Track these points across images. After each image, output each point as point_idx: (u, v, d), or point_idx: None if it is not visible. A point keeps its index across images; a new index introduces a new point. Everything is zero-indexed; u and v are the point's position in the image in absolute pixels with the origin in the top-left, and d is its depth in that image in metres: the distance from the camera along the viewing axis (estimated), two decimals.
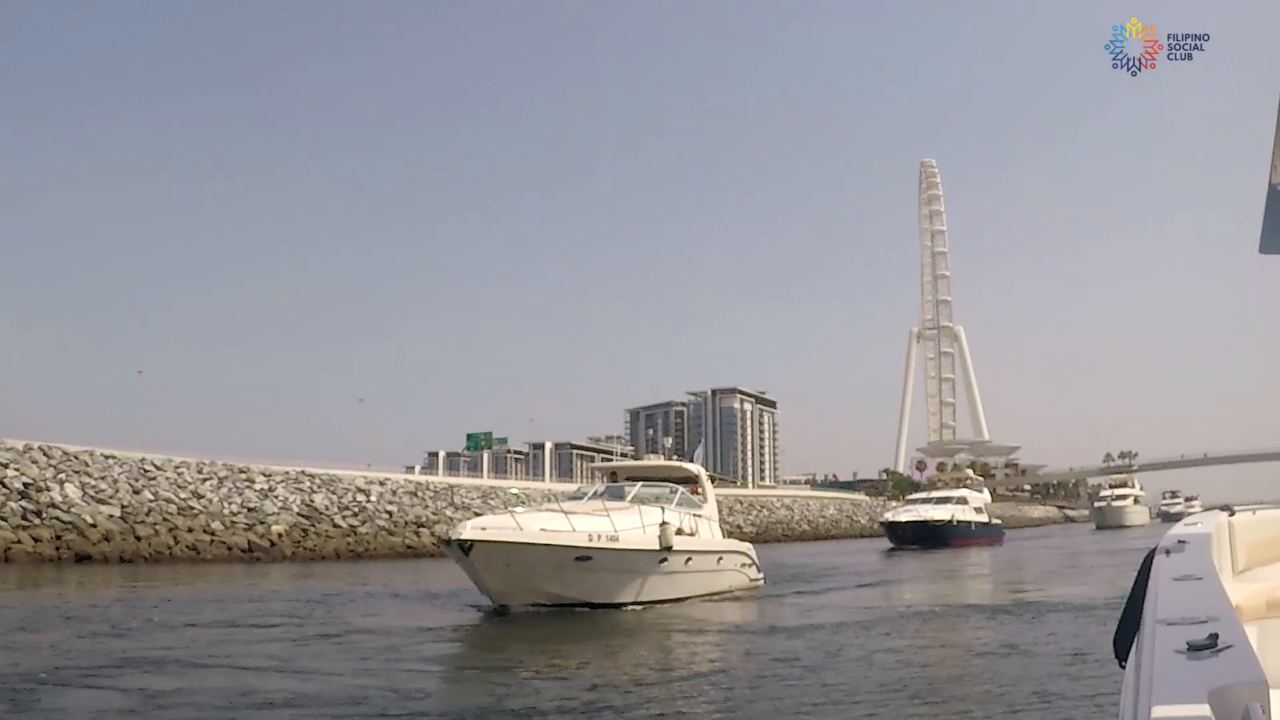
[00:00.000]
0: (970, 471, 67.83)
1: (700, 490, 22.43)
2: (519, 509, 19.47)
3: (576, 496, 19.72)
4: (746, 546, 22.78)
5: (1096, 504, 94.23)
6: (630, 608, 16.68)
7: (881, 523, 55.19)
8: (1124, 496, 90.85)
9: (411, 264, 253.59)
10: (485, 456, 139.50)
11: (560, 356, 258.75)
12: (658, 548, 16.99)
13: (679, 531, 18.11)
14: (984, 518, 57.04)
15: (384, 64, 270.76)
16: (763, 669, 10.60)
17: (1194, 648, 1.61)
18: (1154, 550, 2.94)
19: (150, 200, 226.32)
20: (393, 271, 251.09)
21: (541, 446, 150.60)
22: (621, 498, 18.60)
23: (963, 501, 54.82)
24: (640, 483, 20.39)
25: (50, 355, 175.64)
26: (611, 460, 25.03)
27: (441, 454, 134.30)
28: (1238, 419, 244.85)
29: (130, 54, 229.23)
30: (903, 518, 51.60)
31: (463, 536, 15.05)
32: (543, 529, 15.83)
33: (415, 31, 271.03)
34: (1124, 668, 2.30)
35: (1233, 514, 4.33)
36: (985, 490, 70.86)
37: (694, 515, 19.90)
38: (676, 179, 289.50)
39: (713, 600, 18.89)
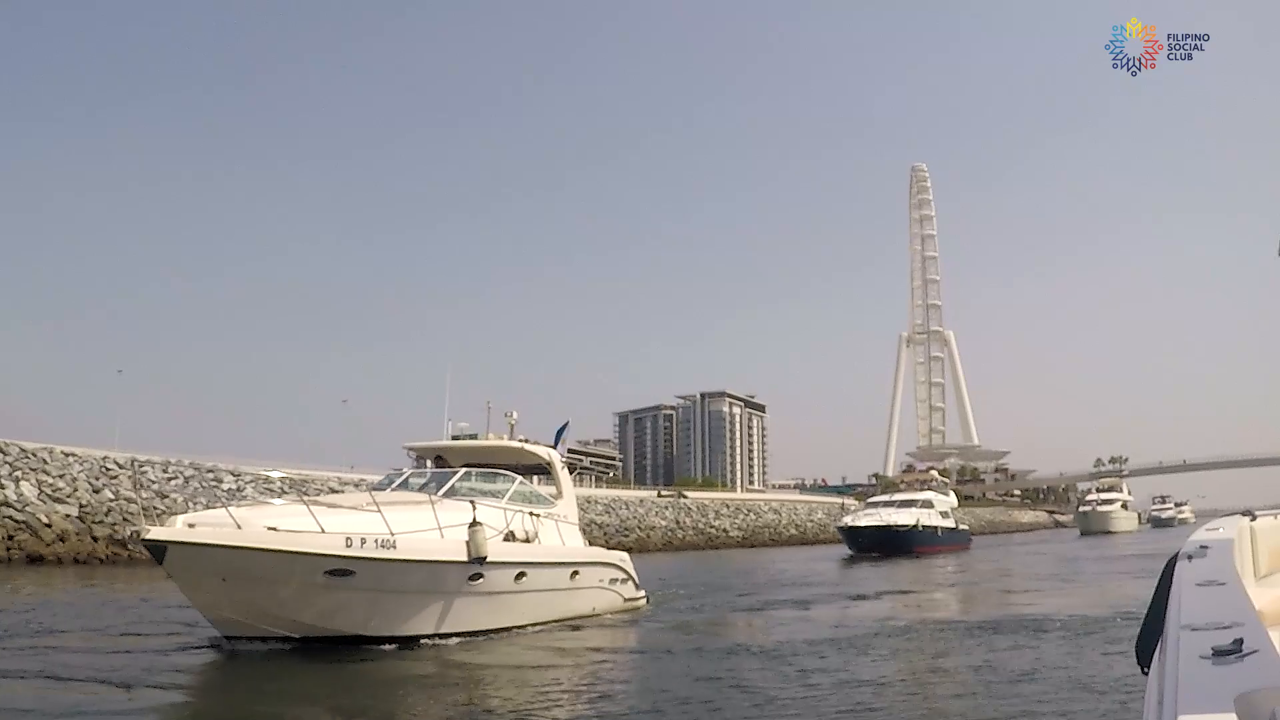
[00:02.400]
0: (936, 473, 62.05)
1: (554, 482, 17.82)
2: (276, 500, 14.96)
3: (381, 486, 15.44)
4: (619, 556, 17.85)
5: (1081, 509, 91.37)
6: (429, 642, 12.48)
7: (839, 527, 49.28)
8: (1110, 501, 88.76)
9: (401, 266, 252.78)
10: None
11: (549, 359, 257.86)
12: (464, 558, 12.62)
13: (510, 536, 14.03)
14: (950, 522, 53.42)
15: (380, 66, 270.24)
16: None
17: (1219, 653, 1.61)
18: (1176, 556, 2.95)
19: (143, 201, 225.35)
20: (382, 273, 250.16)
21: None
22: (455, 489, 14.63)
23: (928, 505, 50.82)
24: (472, 469, 15.80)
25: (35, 354, 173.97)
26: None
27: None
28: (1230, 425, 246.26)
29: (126, 53, 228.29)
30: (863, 522, 46.65)
31: (152, 536, 10.57)
32: (272, 528, 11.31)
33: (411, 31, 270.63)
34: (1147, 675, 2.27)
35: (1254, 519, 4.29)
36: (951, 493, 65.44)
37: (532, 514, 15.17)
38: (666, 183, 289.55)
39: (563, 628, 14.58)
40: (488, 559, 12.89)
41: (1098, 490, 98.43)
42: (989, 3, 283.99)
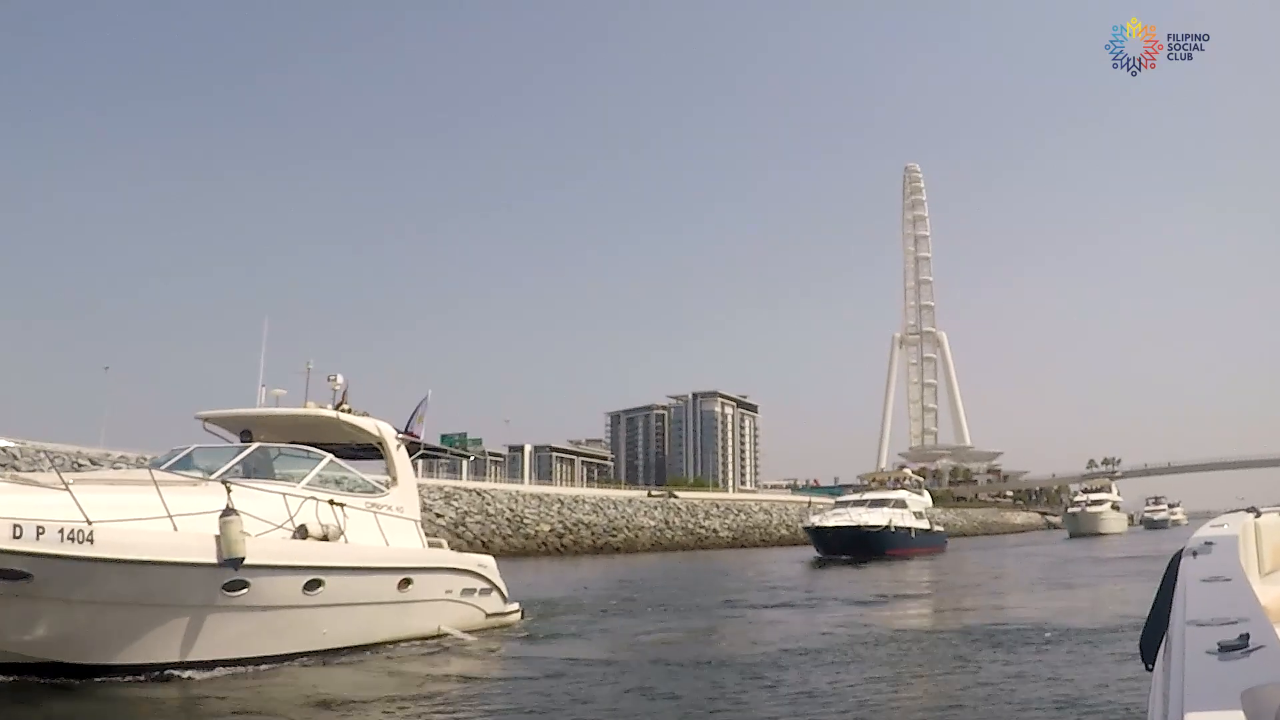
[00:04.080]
0: (909, 471, 58.55)
1: (388, 463, 14.16)
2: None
3: (157, 464, 11.95)
4: (477, 560, 14.35)
5: (1070, 510, 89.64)
6: (177, 673, 9.34)
7: (806, 528, 46.09)
8: (1099, 502, 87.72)
9: (392, 268, 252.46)
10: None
11: (540, 360, 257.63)
12: (211, 559, 9.37)
13: (302, 531, 10.67)
14: (924, 523, 50.82)
15: (378, 70, 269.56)
16: None
17: (1225, 648, 1.63)
18: (1181, 552, 2.97)
19: (145, 201, 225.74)
20: (373, 275, 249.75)
21: (520, 449, 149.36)
22: (263, 468, 11.78)
23: (901, 505, 48.20)
24: (284, 446, 12.82)
25: (33, 353, 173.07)
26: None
27: None
28: (1224, 426, 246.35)
29: (130, 56, 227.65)
30: (831, 522, 43.76)
31: None
32: None
33: (409, 38, 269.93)
34: (1151, 671, 2.30)
35: (1259, 515, 4.31)
36: (925, 493, 61.67)
37: (333, 503, 11.53)
38: (658, 185, 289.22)
39: (388, 653, 11.35)
40: (246, 560, 9.49)
41: (1086, 491, 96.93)
42: (988, 3, 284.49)
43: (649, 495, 79.79)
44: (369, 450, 14.44)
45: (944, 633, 13.88)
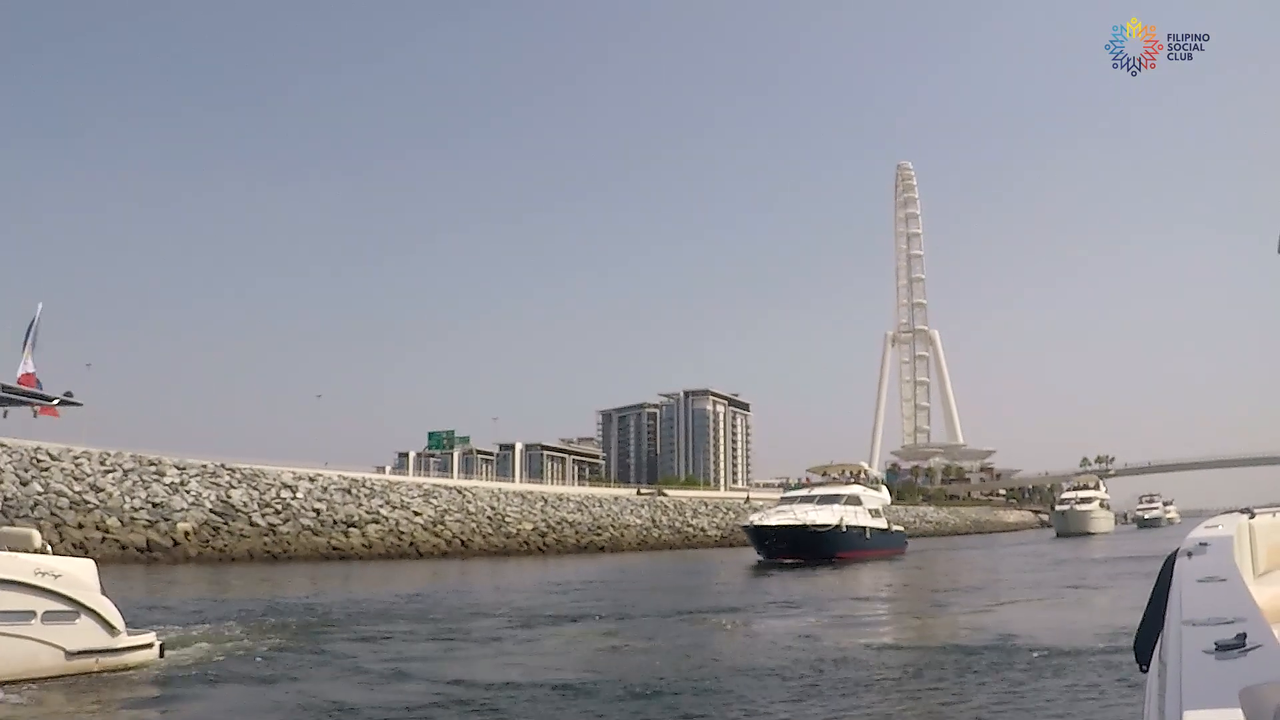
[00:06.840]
0: (866, 465, 53.47)
1: None
2: None
3: None
4: (39, 566, 9.36)
5: (1058, 508, 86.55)
6: None
7: (745, 528, 41.44)
8: (1088, 500, 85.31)
9: (386, 269, 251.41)
10: (455, 457, 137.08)
11: (532, 358, 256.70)
12: None
13: None
14: (881, 522, 45.47)
15: (371, 86, 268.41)
16: None
17: (1222, 648, 1.65)
18: (1175, 553, 2.99)
19: (147, 207, 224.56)
20: (370, 279, 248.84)
21: (511, 447, 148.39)
22: None
23: (854, 501, 42.84)
24: None
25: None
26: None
27: (412, 454, 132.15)
28: (1221, 427, 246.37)
29: (127, 65, 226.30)
30: (774, 521, 38.50)
31: None
32: None
33: (410, 56, 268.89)
34: (1145, 672, 2.30)
35: (1253, 516, 4.30)
36: (884, 488, 56.12)
37: None
38: (649, 187, 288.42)
39: None
40: None
41: (1074, 489, 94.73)
42: (988, 3, 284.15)
43: (638, 494, 78.95)
44: None
45: (899, 650, 12.20)
